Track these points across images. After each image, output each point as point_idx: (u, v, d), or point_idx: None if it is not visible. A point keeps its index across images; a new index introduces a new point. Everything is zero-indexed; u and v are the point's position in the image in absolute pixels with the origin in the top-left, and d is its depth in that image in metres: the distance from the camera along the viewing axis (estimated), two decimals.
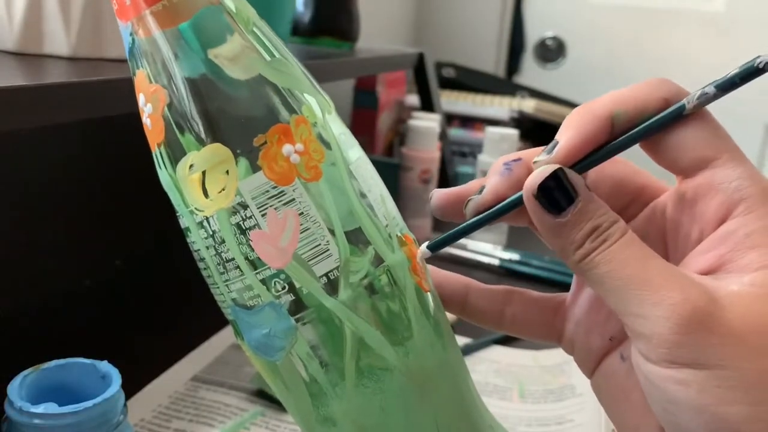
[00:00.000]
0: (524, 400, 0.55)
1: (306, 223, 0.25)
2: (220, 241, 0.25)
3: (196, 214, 0.25)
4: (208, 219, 0.25)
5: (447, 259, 0.84)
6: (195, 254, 0.27)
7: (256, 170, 0.24)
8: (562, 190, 0.24)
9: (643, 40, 1.60)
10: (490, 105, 1.25)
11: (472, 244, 0.87)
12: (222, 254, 0.25)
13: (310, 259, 0.25)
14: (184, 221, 0.26)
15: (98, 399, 0.32)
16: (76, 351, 0.37)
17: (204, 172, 0.25)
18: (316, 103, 0.26)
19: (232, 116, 0.25)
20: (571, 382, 0.57)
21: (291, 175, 0.25)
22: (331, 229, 0.25)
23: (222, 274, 0.26)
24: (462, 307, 0.29)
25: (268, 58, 0.25)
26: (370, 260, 0.26)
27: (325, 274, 0.25)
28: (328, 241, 0.25)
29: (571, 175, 0.24)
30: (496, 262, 0.84)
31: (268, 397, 0.51)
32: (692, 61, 1.54)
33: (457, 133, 1.21)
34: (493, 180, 0.26)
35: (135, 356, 0.46)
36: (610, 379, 0.27)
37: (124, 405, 0.34)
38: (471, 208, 0.26)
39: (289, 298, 0.25)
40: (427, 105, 1.09)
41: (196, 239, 0.26)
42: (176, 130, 0.25)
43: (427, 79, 1.07)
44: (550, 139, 0.25)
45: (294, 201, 0.25)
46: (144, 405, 0.50)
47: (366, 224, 0.26)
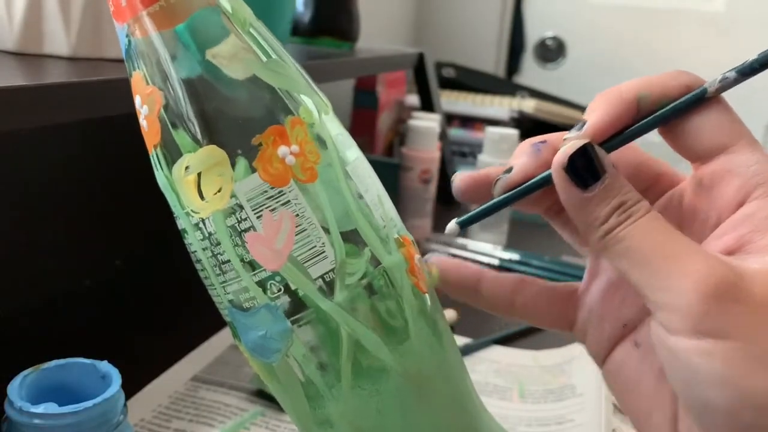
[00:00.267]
0: (524, 400, 0.55)
1: (302, 225, 0.25)
2: (216, 243, 0.25)
3: (192, 216, 0.25)
4: (204, 221, 0.25)
5: None
6: (192, 255, 0.27)
7: (253, 171, 0.24)
8: (590, 165, 0.24)
9: (644, 40, 1.60)
10: (490, 105, 1.25)
11: (472, 244, 0.87)
12: (218, 256, 0.25)
13: (306, 261, 0.25)
14: (181, 223, 0.26)
15: (98, 399, 0.32)
16: (76, 351, 0.37)
17: (199, 174, 0.24)
18: (312, 104, 0.26)
19: (228, 118, 0.25)
20: (571, 382, 0.57)
21: (286, 176, 0.24)
22: (327, 230, 0.25)
23: (218, 275, 0.26)
24: (474, 294, 0.30)
25: (264, 59, 0.25)
26: (366, 262, 0.25)
27: (321, 276, 0.25)
28: (323, 243, 0.25)
29: (599, 152, 0.24)
30: (496, 262, 0.84)
31: (268, 397, 0.51)
32: (692, 61, 1.54)
33: (457, 133, 1.21)
34: (522, 160, 0.26)
35: (135, 356, 0.46)
36: (622, 366, 0.27)
37: (124, 405, 0.34)
38: (500, 186, 0.27)
39: (285, 300, 0.25)
40: (427, 105, 1.09)
41: (193, 241, 0.26)
42: (172, 132, 0.25)
43: (427, 79, 1.07)
44: None
45: (289, 203, 0.24)
46: (144, 405, 0.50)
47: (362, 226, 0.26)
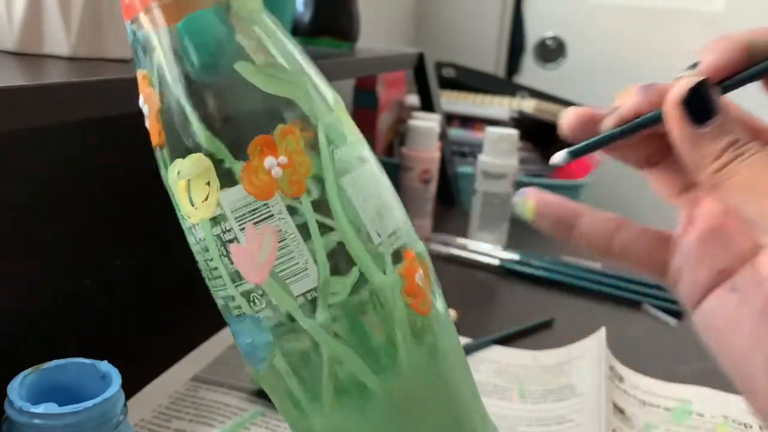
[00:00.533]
0: (524, 400, 0.55)
1: (285, 240, 0.24)
2: (205, 249, 0.25)
3: (185, 221, 0.25)
4: (194, 226, 0.25)
5: (447, 259, 0.84)
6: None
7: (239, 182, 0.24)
8: (706, 102, 0.24)
9: (644, 40, 1.60)
10: (490, 105, 1.25)
11: (472, 244, 0.87)
12: (208, 262, 0.25)
13: (288, 278, 0.24)
14: (182, 223, 0.26)
15: (98, 399, 0.32)
16: (76, 351, 0.37)
17: (189, 181, 0.24)
18: (311, 110, 0.25)
19: (219, 125, 0.24)
20: (571, 382, 0.57)
21: (272, 189, 0.23)
22: (311, 248, 0.24)
23: (209, 280, 0.26)
24: (570, 229, 0.29)
25: (257, 63, 0.24)
26: (353, 281, 0.24)
27: (303, 294, 0.24)
28: (306, 260, 0.24)
29: (714, 90, 0.25)
30: (496, 262, 0.84)
31: (268, 397, 0.51)
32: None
33: (457, 133, 1.21)
34: (633, 98, 0.27)
35: (135, 356, 0.46)
36: (717, 312, 0.27)
37: (124, 405, 0.34)
38: (611, 119, 0.27)
39: (269, 313, 0.24)
40: (427, 105, 1.09)
41: (190, 242, 0.26)
42: (166, 135, 0.24)
43: (427, 79, 1.07)
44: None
45: (273, 216, 0.23)
46: (144, 405, 0.50)
47: (352, 243, 0.24)
